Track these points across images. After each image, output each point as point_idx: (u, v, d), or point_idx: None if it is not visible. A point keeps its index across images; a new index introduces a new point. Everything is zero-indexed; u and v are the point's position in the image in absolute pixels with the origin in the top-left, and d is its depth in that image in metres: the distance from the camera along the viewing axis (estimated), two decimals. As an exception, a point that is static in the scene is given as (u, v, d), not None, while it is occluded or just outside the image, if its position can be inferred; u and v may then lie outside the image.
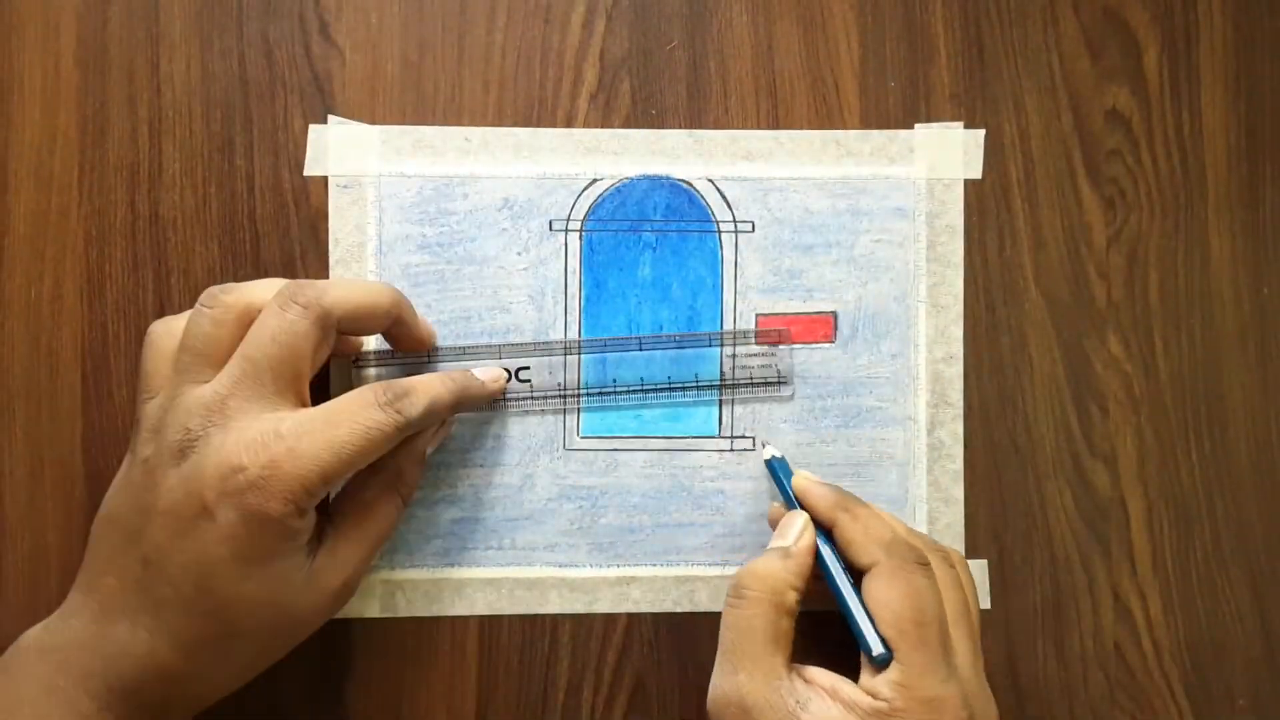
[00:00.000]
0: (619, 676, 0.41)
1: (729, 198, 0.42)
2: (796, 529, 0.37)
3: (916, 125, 0.42)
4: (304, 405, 0.35)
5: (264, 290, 0.35)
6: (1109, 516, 0.42)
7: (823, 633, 0.37)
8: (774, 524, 0.38)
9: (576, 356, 0.41)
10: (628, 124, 0.42)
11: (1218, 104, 0.43)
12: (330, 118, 0.41)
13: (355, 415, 0.33)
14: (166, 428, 0.33)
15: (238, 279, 0.40)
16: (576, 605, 0.41)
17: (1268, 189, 0.43)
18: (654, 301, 0.42)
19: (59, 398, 0.40)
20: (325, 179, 0.41)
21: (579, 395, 0.41)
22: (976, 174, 0.42)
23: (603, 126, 0.42)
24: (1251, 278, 0.43)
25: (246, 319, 0.34)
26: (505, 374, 0.40)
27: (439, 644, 0.41)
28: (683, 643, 0.41)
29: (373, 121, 0.41)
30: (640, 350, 0.41)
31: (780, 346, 0.41)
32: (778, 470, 0.40)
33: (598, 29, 0.42)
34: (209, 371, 0.34)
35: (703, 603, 0.41)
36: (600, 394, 0.41)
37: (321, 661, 0.40)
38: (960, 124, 0.42)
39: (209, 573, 0.32)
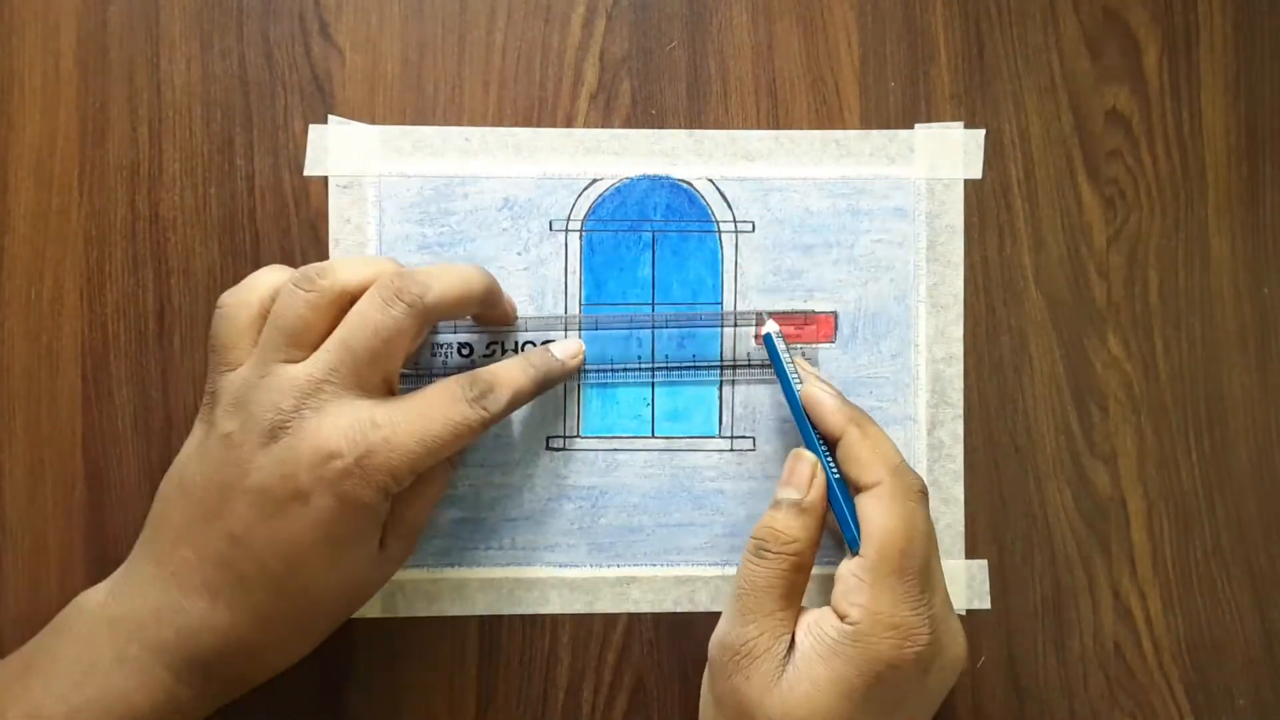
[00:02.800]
0: (619, 676, 0.41)
1: (729, 198, 0.42)
2: (807, 477, 0.37)
3: (916, 125, 0.42)
4: (392, 394, 0.35)
5: (358, 273, 0.35)
6: (1109, 516, 0.42)
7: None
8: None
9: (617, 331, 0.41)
10: (628, 124, 0.42)
11: (1218, 104, 0.43)
12: (330, 118, 0.41)
13: (446, 410, 0.34)
14: (254, 404, 0.33)
15: (238, 279, 0.40)
16: (576, 605, 0.41)
17: (1268, 189, 0.43)
18: (654, 302, 0.42)
19: (59, 398, 0.40)
20: (325, 179, 0.41)
21: (635, 369, 0.41)
22: (976, 174, 0.42)
23: (603, 126, 0.42)
24: (1251, 278, 0.43)
25: (341, 303, 0.34)
26: (583, 346, 0.40)
27: (439, 644, 0.41)
28: (683, 643, 0.41)
29: (373, 121, 0.41)
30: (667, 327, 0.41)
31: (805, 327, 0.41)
32: (777, 356, 0.39)
33: (598, 29, 0.42)
34: (298, 352, 0.34)
35: (703, 603, 0.41)
36: (636, 369, 0.41)
37: (321, 661, 0.40)
38: (960, 124, 0.42)
39: (298, 554, 0.33)
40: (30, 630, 0.36)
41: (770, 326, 0.40)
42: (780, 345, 0.39)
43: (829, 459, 0.37)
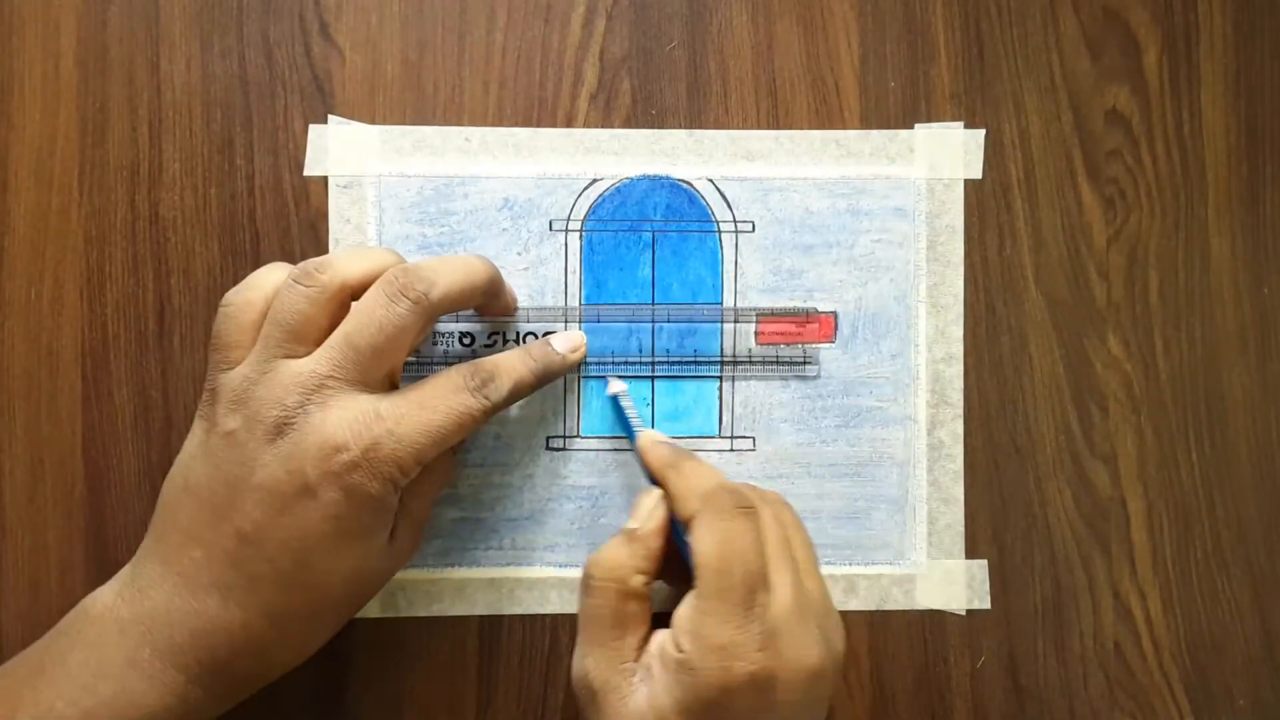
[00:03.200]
0: (619, 676, 0.41)
1: (729, 198, 0.42)
2: (646, 509, 0.36)
3: (916, 125, 0.42)
4: (395, 387, 0.35)
5: (358, 266, 0.35)
6: (1109, 516, 0.42)
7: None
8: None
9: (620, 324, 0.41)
10: (628, 124, 0.42)
11: (1218, 104, 0.43)
12: (330, 118, 0.41)
13: (448, 400, 0.34)
14: (257, 401, 0.33)
15: (238, 279, 0.40)
16: (576, 605, 0.41)
17: (1268, 189, 0.43)
18: (654, 302, 0.42)
19: (59, 398, 0.40)
20: (325, 179, 0.41)
21: (638, 362, 0.41)
22: (976, 174, 0.42)
23: (603, 126, 0.42)
24: (1251, 278, 0.43)
25: (341, 297, 0.34)
26: (584, 339, 0.40)
27: (439, 644, 0.41)
28: (683, 643, 0.41)
29: (373, 121, 0.41)
30: (669, 322, 0.41)
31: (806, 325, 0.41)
32: (621, 411, 0.39)
33: (598, 29, 0.42)
34: (300, 348, 0.34)
35: (703, 603, 0.41)
36: (637, 362, 0.41)
37: (321, 661, 0.40)
38: (960, 124, 0.42)
39: (309, 549, 0.33)
40: (30, 630, 0.36)
41: (617, 386, 0.40)
42: (626, 404, 0.40)
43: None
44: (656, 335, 0.41)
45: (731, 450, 0.42)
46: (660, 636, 0.34)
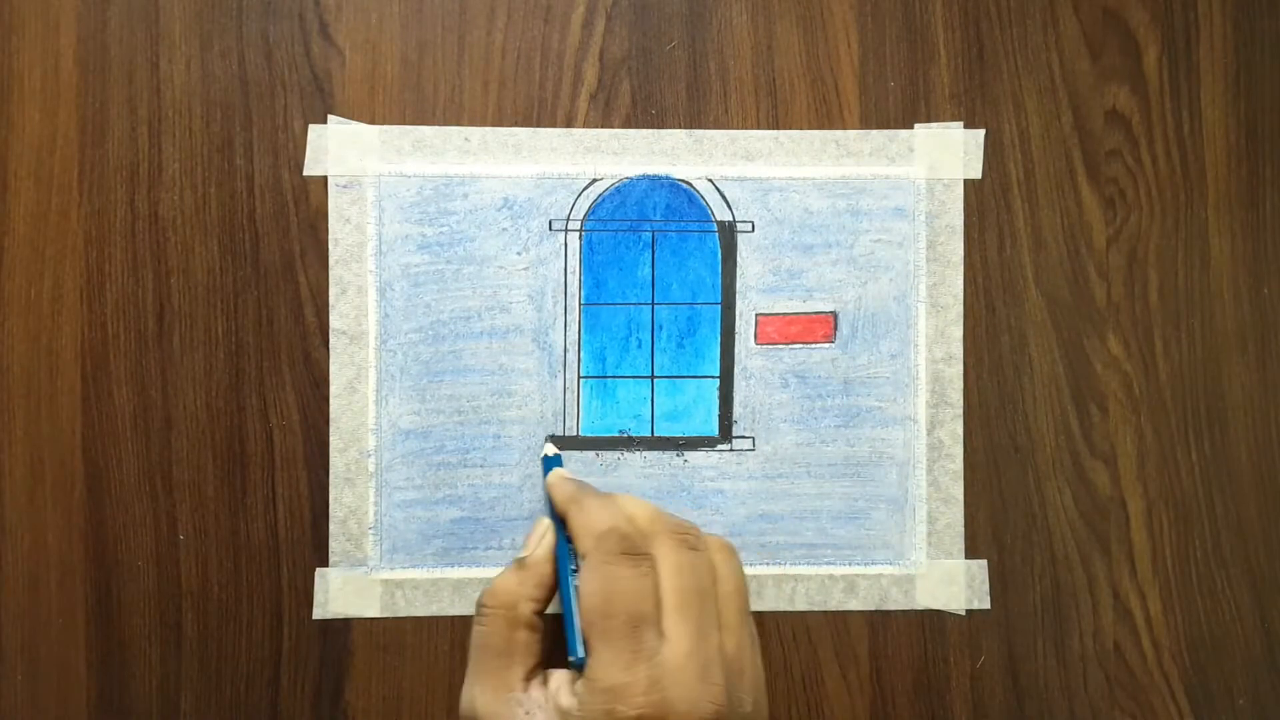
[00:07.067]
0: (619, 676, 0.41)
1: (729, 198, 0.42)
2: (535, 536, 0.37)
3: (916, 125, 0.42)
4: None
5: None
6: (1109, 516, 0.42)
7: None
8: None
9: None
10: (628, 124, 0.42)
11: (1218, 104, 0.43)
12: (330, 118, 0.41)
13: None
14: None
15: (238, 279, 0.40)
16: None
17: (1268, 189, 0.43)
18: (654, 302, 0.42)
19: (59, 398, 0.40)
20: (325, 179, 0.41)
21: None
22: (976, 174, 0.42)
23: (603, 126, 0.42)
24: (1251, 278, 0.43)
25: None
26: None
27: (439, 644, 0.41)
28: (683, 643, 0.41)
29: (372, 121, 0.41)
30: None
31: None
32: (547, 469, 0.40)
33: (598, 29, 0.42)
34: None
35: (703, 603, 0.41)
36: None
37: (321, 661, 0.40)
38: (960, 124, 0.42)
39: None
40: (30, 629, 0.36)
41: (549, 449, 0.41)
42: (550, 465, 0.40)
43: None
44: (656, 335, 0.41)
45: (731, 450, 0.42)
46: (559, 676, 0.34)
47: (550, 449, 0.41)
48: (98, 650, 0.40)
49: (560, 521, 0.37)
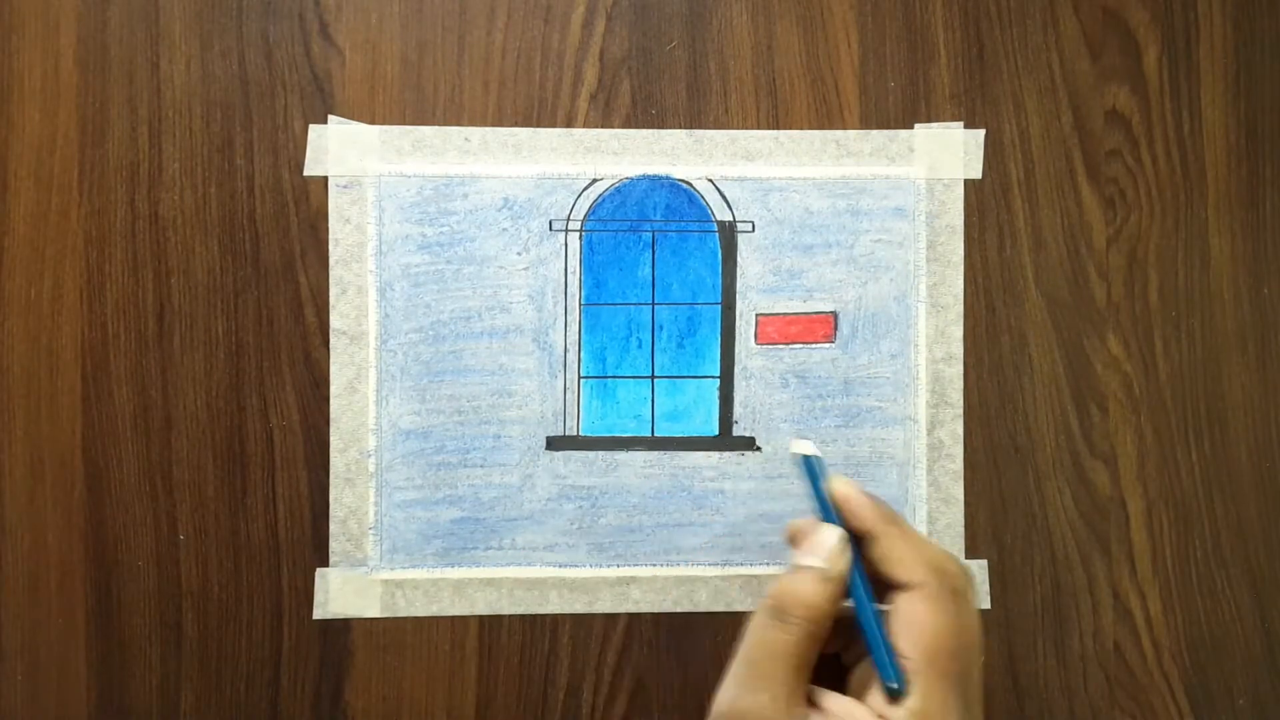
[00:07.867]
0: (619, 676, 0.41)
1: (729, 198, 0.42)
2: (833, 549, 0.34)
3: (916, 125, 0.42)
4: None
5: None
6: (1109, 516, 0.42)
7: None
8: (795, 538, 0.35)
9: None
10: (628, 124, 0.42)
11: (1218, 104, 0.43)
12: (330, 118, 0.41)
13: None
14: None
15: (238, 279, 0.40)
16: (576, 605, 0.41)
17: (1268, 189, 0.43)
18: (654, 301, 0.42)
19: (59, 398, 0.40)
20: (325, 179, 0.41)
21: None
22: (976, 174, 0.42)
23: (603, 126, 0.42)
24: (1251, 278, 0.43)
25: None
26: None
27: (439, 644, 0.41)
28: (683, 643, 0.41)
29: (372, 121, 0.41)
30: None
31: None
32: (812, 469, 0.36)
33: (598, 29, 0.42)
34: None
35: (703, 603, 0.41)
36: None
37: (321, 661, 0.40)
38: (960, 124, 0.42)
39: None
40: (30, 629, 0.36)
41: (804, 446, 0.37)
42: (813, 467, 0.36)
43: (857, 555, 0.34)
44: (656, 335, 0.41)
45: (731, 450, 0.42)
46: (842, 703, 0.32)
47: (808, 446, 0.37)
48: (98, 650, 0.40)
49: (854, 536, 0.34)
